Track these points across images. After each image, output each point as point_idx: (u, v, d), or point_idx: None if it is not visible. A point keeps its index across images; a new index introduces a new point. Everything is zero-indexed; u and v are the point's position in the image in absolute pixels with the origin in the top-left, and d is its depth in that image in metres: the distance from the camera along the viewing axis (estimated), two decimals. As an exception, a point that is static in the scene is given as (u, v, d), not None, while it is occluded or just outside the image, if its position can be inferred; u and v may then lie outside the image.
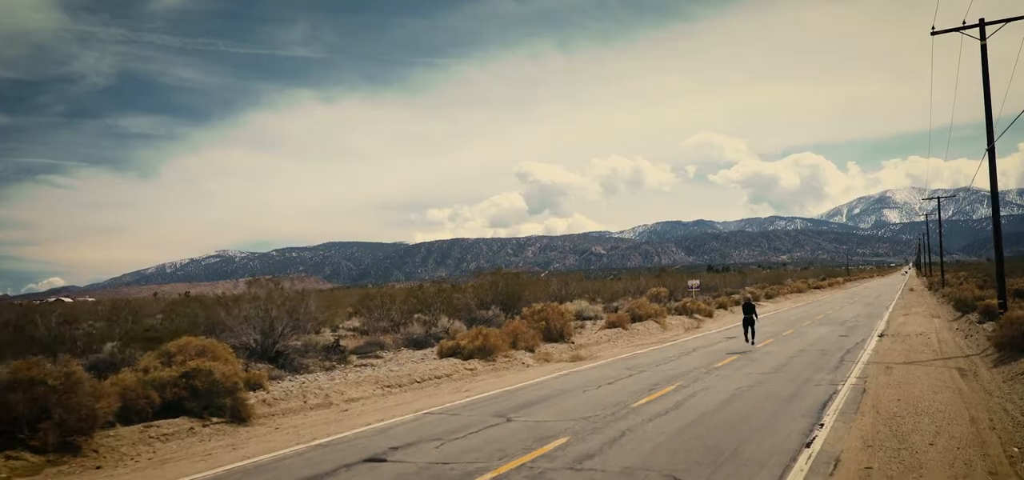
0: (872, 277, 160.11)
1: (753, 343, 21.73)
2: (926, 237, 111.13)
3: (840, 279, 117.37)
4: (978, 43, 20.47)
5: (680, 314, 37.38)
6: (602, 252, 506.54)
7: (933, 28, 21.54)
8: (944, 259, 70.16)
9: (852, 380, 14.68)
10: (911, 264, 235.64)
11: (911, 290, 68.91)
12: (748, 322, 22.17)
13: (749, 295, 39.10)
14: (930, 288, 68.83)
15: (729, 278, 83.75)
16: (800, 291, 72.28)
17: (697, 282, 49.47)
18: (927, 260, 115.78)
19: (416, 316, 29.69)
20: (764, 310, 44.81)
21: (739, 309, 47.03)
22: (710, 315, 39.26)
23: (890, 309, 40.65)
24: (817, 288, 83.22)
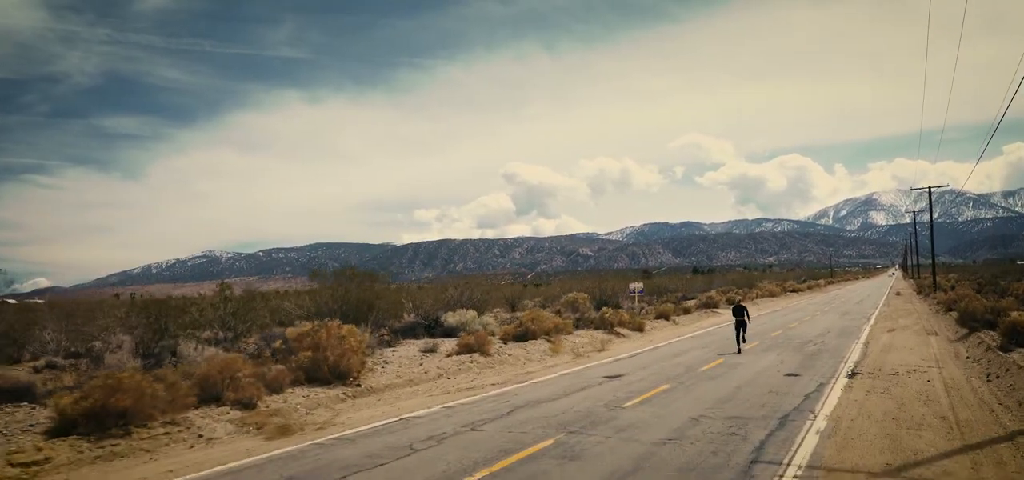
0: (857, 279, 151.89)
1: (739, 350, 20.94)
2: (914, 237, 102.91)
3: (822, 281, 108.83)
4: None
5: (598, 328, 28.25)
6: (589, 254, 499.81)
7: None
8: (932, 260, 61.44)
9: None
10: (897, 266, 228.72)
11: (898, 294, 60.18)
12: (740, 325, 21.93)
13: (738, 297, 31.89)
14: (920, 292, 60.27)
15: (693, 281, 74.79)
16: (772, 295, 63.25)
17: (640, 286, 40.50)
18: (914, 262, 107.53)
19: (207, 334, 20.57)
20: (712, 323, 35.79)
21: (685, 320, 38.42)
22: (640, 329, 30.08)
23: (871, 321, 31.66)
24: (794, 291, 74.33)
